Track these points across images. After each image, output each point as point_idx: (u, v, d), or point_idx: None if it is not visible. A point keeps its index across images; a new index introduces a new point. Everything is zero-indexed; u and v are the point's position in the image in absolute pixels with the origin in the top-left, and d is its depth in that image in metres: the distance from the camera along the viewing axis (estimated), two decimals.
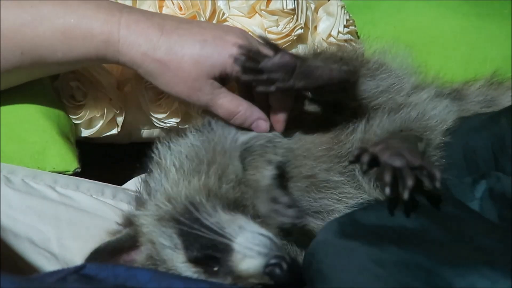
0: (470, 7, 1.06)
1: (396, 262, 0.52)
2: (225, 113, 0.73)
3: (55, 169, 0.79)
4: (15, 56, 0.73)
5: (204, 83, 0.72)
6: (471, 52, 1.05)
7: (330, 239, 0.59)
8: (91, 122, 0.88)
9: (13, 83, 0.79)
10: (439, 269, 0.50)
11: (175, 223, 0.63)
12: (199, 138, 0.73)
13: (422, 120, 0.80)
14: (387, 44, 0.91)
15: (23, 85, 0.81)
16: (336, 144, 0.76)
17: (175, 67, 0.71)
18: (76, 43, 0.72)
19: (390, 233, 0.58)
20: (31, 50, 0.73)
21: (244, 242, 0.59)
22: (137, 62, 0.72)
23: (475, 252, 0.54)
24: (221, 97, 0.73)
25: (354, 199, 0.73)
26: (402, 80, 0.85)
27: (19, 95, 0.81)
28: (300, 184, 0.72)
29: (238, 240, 0.60)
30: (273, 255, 0.58)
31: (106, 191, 0.79)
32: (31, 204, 0.71)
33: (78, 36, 0.72)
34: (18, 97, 0.81)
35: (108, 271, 0.53)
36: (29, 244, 0.68)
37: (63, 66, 0.78)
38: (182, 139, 0.73)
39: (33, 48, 0.73)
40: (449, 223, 0.60)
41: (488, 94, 0.96)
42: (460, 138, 0.81)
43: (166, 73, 0.72)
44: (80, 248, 0.69)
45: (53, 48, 0.73)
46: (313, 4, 1.00)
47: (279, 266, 0.57)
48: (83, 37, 0.72)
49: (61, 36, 0.72)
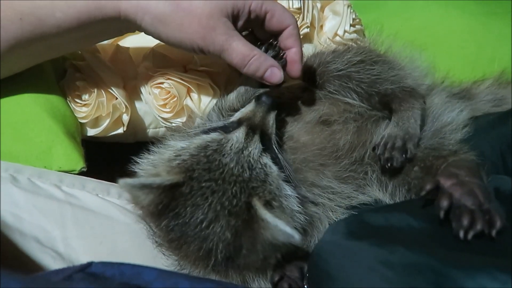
0: (477, 6, 1.05)
1: (404, 264, 0.51)
2: (239, 57, 0.71)
3: (61, 168, 0.79)
4: (14, 23, 0.70)
5: (218, 21, 0.69)
6: (479, 51, 1.04)
7: (338, 239, 0.58)
8: (97, 121, 0.88)
9: (18, 65, 0.77)
10: (449, 271, 0.49)
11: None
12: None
13: (439, 124, 0.80)
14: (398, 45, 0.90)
15: (29, 85, 0.81)
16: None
17: (186, 6, 0.68)
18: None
19: (398, 235, 0.57)
20: (29, 13, 0.70)
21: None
22: (142, 7, 0.68)
23: (484, 254, 0.53)
24: (236, 39, 0.70)
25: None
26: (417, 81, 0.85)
27: (24, 94, 0.81)
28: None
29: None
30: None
31: (112, 191, 0.79)
32: (37, 203, 0.71)
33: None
34: (23, 96, 0.81)
35: (114, 269, 0.52)
36: (35, 243, 0.68)
37: (65, 35, 0.74)
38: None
39: (32, 11, 0.70)
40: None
41: (498, 93, 0.96)
42: (468, 139, 0.80)
43: (178, 13, 0.68)
44: (85, 247, 0.69)
45: (52, 6, 0.70)
46: (319, 3, 1.00)
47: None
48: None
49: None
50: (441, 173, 0.67)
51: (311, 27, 0.97)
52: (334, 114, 0.81)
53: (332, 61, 0.83)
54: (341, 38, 0.98)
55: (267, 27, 0.75)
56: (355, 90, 0.81)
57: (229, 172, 0.66)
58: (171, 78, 0.87)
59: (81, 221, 0.72)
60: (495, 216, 0.57)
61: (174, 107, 0.88)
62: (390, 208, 0.64)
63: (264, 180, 0.67)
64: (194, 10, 0.68)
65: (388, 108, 0.81)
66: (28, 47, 0.74)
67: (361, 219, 0.61)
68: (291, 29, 0.75)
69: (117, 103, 0.87)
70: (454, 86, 0.96)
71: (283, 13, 0.74)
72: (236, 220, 0.64)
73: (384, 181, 0.75)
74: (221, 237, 0.64)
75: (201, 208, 0.65)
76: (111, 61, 0.90)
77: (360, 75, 0.81)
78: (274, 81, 0.72)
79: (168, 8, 0.68)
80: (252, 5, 0.72)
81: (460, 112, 0.84)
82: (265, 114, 0.72)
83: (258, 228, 0.63)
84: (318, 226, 0.72)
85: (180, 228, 0.66)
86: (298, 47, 0.75)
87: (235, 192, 0.65)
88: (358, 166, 0.77)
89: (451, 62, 1.00)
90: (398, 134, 0.75)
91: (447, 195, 0.62)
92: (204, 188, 0.65)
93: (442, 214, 0.59)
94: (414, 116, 0.78)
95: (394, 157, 0.72)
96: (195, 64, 0.90)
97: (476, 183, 0.63)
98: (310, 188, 0.74)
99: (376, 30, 0.94)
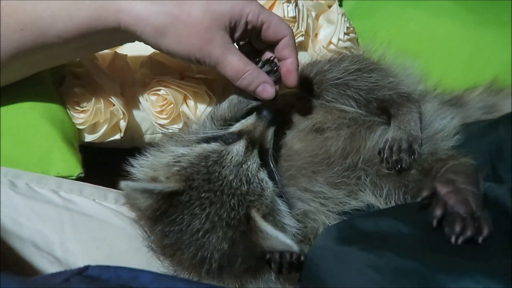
0: (469, 15, 1.06)
1: (392, 268, 0.53)
2: (233, 71, 0.72)
3: (59, 174, 0.80)
4: (16, 32, 0.71)
5: (216, 33, 0.70)
6: (470, 59, 1.05)
7: (329, 244, 0.60)
8: (95, 127, 0.89)
9: (19, 73, 0.78)
10: (434, 275, 0.51)
11: None
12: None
13: (431, 131, 0.82)
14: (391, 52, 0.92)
15: (28, 91, 0.82)
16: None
17: (185, 18, 0.69)
18: (75, 7, 0.70)
19: (387, 240, 0.59)
20: (31, 23, 0.71)
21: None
22: (142, 19, 0.69)
23: (469, 258, 0.55)
24: (231, 52, 0.71)
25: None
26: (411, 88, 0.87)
27: (23, 101, 0.82)
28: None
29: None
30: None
31: (109, 196, 0.80)
32: (36, 208, 0.72)
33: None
34: (22, 102, 0.82)
35: (110, 272, 0.53)
36: (33, 247, 0.69)
37: (65, 45, 0.74)
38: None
39: (33, 21, 0.71)
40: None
41: (489, 100, 0.97)
42: (460, 145, 0.81)
43: (177, 26, 0.69)
44: (83, 252, 0.70)
45: (53, 17, 0.71)
46: (314, 12, 1.01)
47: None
48: (82, 1, 0.69)
49: (60, 3, 0.70)
50: (439, 179, 0.69)
51: (306, 36, 0.99)
52: (328, 121, 0.82)
53: (329, 70, 0.85)
54: (335, 46, 0.99)
55: (264, 37, 0.76)
56: (353, 97, 0.83)
57: (228, 185, 0.67)
58: (168, 85, 0.88)
59: (78, 226, 0.73)
60: (484, 224, 0.60)
61: (170, 114, 0.89)
62: (380, 214, 0.65)
63: (261, 195, 0.69)
64: (193, 22, 0.69)
65: (387, 113, 0.83)
66: (29, 57, 0.75)
67: (352, 225, 0.63)
68: (287, 40, 0.76)
69: (115, 109, 0.88)
70: (446, 94, 0.98)
71: (279, 23, 0.75)
72: (233, 232, 0.65)
73: (379, 184, 0.77)
74: (217, 247, 0.65)
75: (198, 217, 0.66)
76: (109, 68, 0.92)
77: (358, 83, 0.83)
78: (265, 97, 0.74)
79: (168, 20, 0.69)
80: (249, 16, 0.73)
81: (451, 119, 0.86)
82: (265, 129, 0.74)
83: (257, 239, 0.65)
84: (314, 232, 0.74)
85: (176, 234, 0.67)
86: (294, 58, 0.76)
87: (233, 205, 0.66)
88: (351, 172, 0.78)
89: (443, 69, 1.02)
90: (402, 137, 0.77)
91: (442, 203, 0.63)
92: (203, 199, 0.66)
93: (435, 222, 0.61)
94: (414, 119, 0.81)
95: (403, 159, 0.74)
96: (192, 72, 0.91)
97: (470, 192, 0.65)
98: (303, 193, 0.75)
99: (370, 38, 0.96)
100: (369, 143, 0.80)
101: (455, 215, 0.61)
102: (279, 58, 0.77)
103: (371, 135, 0.81)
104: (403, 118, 0.81)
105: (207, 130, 0.78)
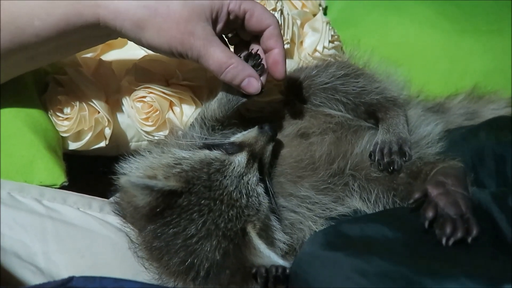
0: (450, 24, 1.10)
1: (378, 273, 0.54)
2: (216, 64, 0.70)
3: (42, 182, 0.78)
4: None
5: (197, 25, 0.68)
6: (451, 67, 1.08)
7: (316, 250, 0.60)
8: (79, 135, 0.88)
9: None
10: (419, 278, 0.52)
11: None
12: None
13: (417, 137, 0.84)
14: (375, 60, 0.94)
15: (10, 99, 0.81)
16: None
17: (164, 10, 0.67)
18: (52, 4, 0.68)
19: (373, 245, 0.60)
20: (8, 22, 0.69)
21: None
22: (121, 13, 0.68)
23: (454, 261, 0.56)
24: (213, 44, 0.69)
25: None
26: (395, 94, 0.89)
27: (6, 109, 0.80)
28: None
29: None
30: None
31: (93, 204, 0.79)
32: (18, 218, 0.70)
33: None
34: (4, 111, 0.80)
35: (95, 283, 0.53)
36: (15, 258, 0.67)
37: (45, 44, 0.72)
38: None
39: (10, 20, 0.69)
40: (430, 235, 0.63)
41: (470, 107, 1.00)
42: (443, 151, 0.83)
43: (156, 18, 0.68)
44: (66, 262, 0.69)
45: (30, 15, 0.69)
46: (299, 20, 1.03)
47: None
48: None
49: (37, 1, 0.69)
50: (429, 181, 0.70)
51: (291, 43, 1.00)
52: (313, 126, 0.83)
53: (317, 75, 0.86)
54: (320, 53, 1.01)
55: (247, 27, 0.74)
56: (342, 101, 0.84)
57: (228, 195, 0.67)
58: (154, 92, 0.88)
59: (62, 235, 0.72)
60: (472, 225, 0.61)
61: (156, 121, 0.89)
62: (366, 219, 0.66)
63: (258, 209, 0.69)
64: (172, 14, 0.68)
65: (374, 117, 0.85)
66: (8, 58, 0.74)
67: (338, 230, 0.64)
68: (272, 29, 0.74)
69: (100, 117, 0.87)
70: (428, 100, 1.00)
71: (263, 12, 0.73)
72: (228, 243, 0.65)
73: (368, 188, 0.78)
74: (208, 255, 0.65)
75: (195, 223, 0.65)
76: (94, 75, 0.91)
77: (346, 87, 0.84)
78: (251, 91, 0.73)
79: (147, 13, 0.68)
80: (230, 5, 0.71)
81: (435, 125, 0.88)
82: (265, 144, 0.74)
83: (249, 254, 0.65)
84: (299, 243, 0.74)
85: (168, 237, 0.66)
86: (281, 48, 0.74)
87: (231, 216, 0.66)
88: (338, 178, 0.79)
89: (426, 77, 1.04)
90: (392, 139, 0.79)
91: (433, 205, 0.65)
92: (202, 205, 0.66)
93: (427, 224, 0.62)
94: (402, 122, 0.82)
95: (394, 161, 0.75)
96: (178, 78, 0.91)
97: (460, 194, 0.67)
98: (289, 198, 0.76)
99: (354, 46, 0.98)
100: (357, 149, 0.81)
101: (446, 217, 0.63)
102: (265, 49, 0.75)
103: (359, 140, 0.82)
104: (391, 121, 0.82)
105: (197, 133, 0.78)
